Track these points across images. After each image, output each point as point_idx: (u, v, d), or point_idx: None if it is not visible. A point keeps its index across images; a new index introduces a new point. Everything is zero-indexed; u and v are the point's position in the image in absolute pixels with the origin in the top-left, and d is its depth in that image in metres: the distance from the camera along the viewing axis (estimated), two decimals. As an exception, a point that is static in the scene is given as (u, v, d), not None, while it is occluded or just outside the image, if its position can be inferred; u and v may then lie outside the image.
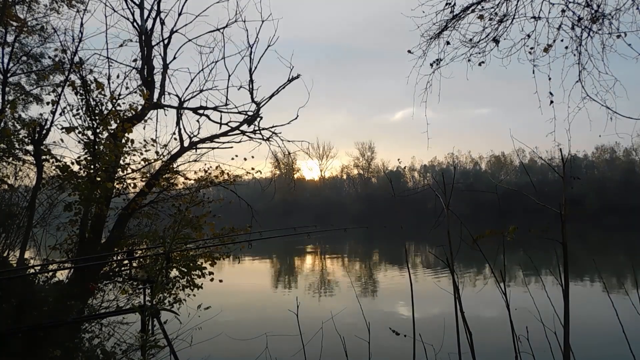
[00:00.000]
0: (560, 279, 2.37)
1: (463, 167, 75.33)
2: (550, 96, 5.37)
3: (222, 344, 9.56)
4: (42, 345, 5.13)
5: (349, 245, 40.44)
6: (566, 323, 2.30)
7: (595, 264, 22.95)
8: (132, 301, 7.05)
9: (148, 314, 3.33)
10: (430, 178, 72.68)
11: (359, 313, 3.73)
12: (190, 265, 7.49)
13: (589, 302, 14.57)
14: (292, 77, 7.43)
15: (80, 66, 7.43)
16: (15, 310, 5.35)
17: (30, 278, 6.42)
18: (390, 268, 26.93)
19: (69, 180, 7.20)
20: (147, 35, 7.55)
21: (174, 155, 7.60)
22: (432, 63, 5.95)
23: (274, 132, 7.61)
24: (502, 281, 2.64)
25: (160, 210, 7.90)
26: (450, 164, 71.02)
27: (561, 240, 2.35)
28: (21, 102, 11.41)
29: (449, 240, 2.70)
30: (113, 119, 7.39)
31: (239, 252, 7.36)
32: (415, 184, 77.48)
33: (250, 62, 7.51)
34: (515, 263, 23.30)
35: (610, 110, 5.09)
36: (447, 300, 2.99)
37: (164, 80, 7.65)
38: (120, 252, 7.42)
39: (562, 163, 2.61)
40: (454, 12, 5.66)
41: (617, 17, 5.10)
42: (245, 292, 19.15)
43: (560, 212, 2.40)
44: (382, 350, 3.45)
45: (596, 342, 10.51)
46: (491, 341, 9.18)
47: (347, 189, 79.74)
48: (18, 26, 9.67)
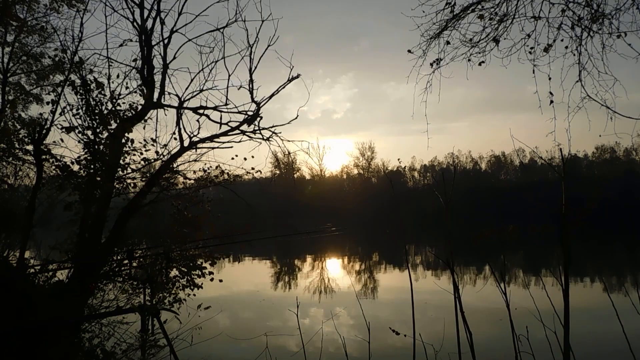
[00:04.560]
0: (560, 279, 2.37)
1: (463, 167, 75.28)
2: (550, 96, 5.38)
3: (222, 344, 9.57)
4: (42, 345, 5.13)
5: (349, 245, 40.45)
6: (566, 323, 2.30)
7: (595, 264, 22.96)
8: (132, 301, 7.06)
9: (148, 313, 3.33)
10: (431, 178, 72.73)
11: (359, 313, 3.74)
12: (190, 265, 7.50)
13: (589, 302, 14.56)
14: (292, 77, 7.43)
15: (80, 66, 7.43)
16: (15, 310, 5.35)
17: (30, 278, 6.43)
18: (390, 268, 26.93)
19: (69, 180, 7.21)
20: (147, 35, 7.55)
21: (174, 155, 7.59)
22: (432, 63, 5.96)
23: (274, 132, 7.60)
24: (502, 281, 2.64)
25: (160, 210, 7.90)
26: (450, 164, 70.99)
27: (561, 240, 2.35)
28: (21, 102, 11.41)
29: (449, 240, 2.70)
30: (113, 118, 7.38)
31: (239, 252, 7.38)
32: (415, 184, 77.49)
33: (250, 62, 7.50)
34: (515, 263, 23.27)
35: (610, 110, 5.10)
36: (447, 300, 2.99)
37: (164, 80, 7.65)
38: (120, 252, 7.43)
39: (562, 163, 2.61)
40: (454, 11, 5.67)
41: (617, 17, 5.11)
42: (245, 292, 19.16)
43: (560, 212, 2.40)
44: (382, 350, 3.45)
45: (596, 342, 10.50)
46: (491, 341, 9.18)
47: (347, 188, 79.69)
48: (18, 26, 9.67)
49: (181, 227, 7.79)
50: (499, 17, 5.57)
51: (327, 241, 39.01)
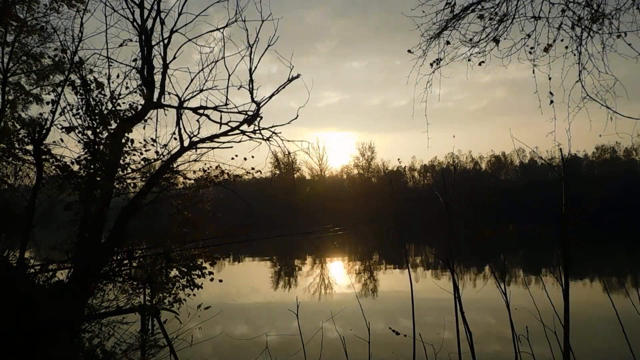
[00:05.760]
0: (561, 279, 2.37)
1: (463, 167, 75.23)
2: (550, 96, 5.38)
3: (222, 344, 9.58)
4: (42, 345, 5.13)
5: (349, 245, 40.44)
6: (566, 323, 2.30)
7: (595, 264, 22.95)
8: (132, 301, 7.06)
9: (148, 314, 3.33)
10: (431, 178, 72.69)
11: (359, 313, 3.73)
12: (190, 265, 7.50)
13: (589, 302, 14.56)
14: (292, 77, 7.43)
15: (80, 66, 7.43)
16: (15, 310, 5.35)
17: (30, 278, 6.43)
18: (390, 268, 26.92)
19: (69, 180, 7.20)
20: (147, 35, 7.55)
21: (174, 155, 7.59)
22: (432, 63, 5.97)
23: (274, 131, 7.60)
24: (502, 281, 2.64)
25: (160, 210, 7.90)
26: (450, 164, 70.92)
27: (561, 240, 2.35)
28: (21, 102, 11.41)
29: (449, 240, 2.70)
30: (113, 118, 7.39)
31: (239, 252, 7.39)
32: (415, 184, 77.43)
33: (250, 62, 7.51)
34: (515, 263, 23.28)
35: (610, 110, 5.10)
36: (447, 300, 2.99)
37: (163, 80, 7.65)
38: (120, 252, 7.43)
39: (562, 163, 2.61)
40: (454, 11, 5.67)
41: (617, 17, 5.11)
42: (245, 292, 19.15)
43: (560, 212, 2.40)
44: (382, 351, 3.45)
45: (596, 342, 10.50)
46: (491, 341, 9.18)
47: (347, 188, 79.62)
48: (18, 26, 9.67)
49: (181, 227, 7.78)
50: (499, 17, 5.57)
51: (327, 241, 39.00)
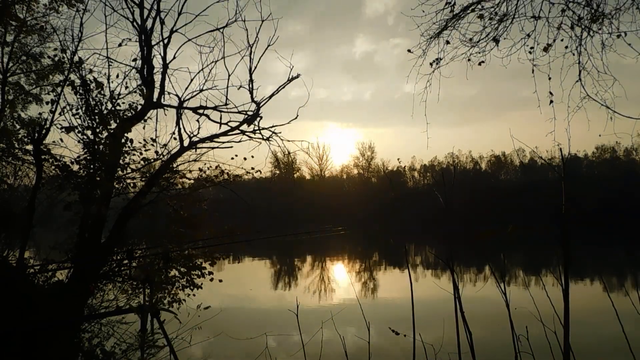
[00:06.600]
0: (560, 279, 2.37)
1: (463, 167, 75.18)
2: (550, 96, 5.38)
3: (222, 344, 9.57)
4: (42, 345, 5.13)
5: (349, 246, 40.44)
6: (566, 323, 2.30)
7: (595, 264, 22.94)
8: (131, 301, 7.05)
9: (147, 313, 3.33)
10: (431, 178, 72.69)
11: (359, 313, 3.73)
12: (189, 265, 7.49)
13: (589, 302, 14.56)
14: (292, 77, 7.43)
15: (79, 66, 7.42)
16: (15, 310, 5.35)
17: (30, 278, 6.42)
18: (390, 268, 26.92)
19: (68, 180, 7.20)
20: (147, 35, 7.54)
21: (173, 155, 7.59)
22: (432, 62, 5.96)
23: (273, 131, 7.60)
24: (502, 281, 2.64)
25: (160, 210, 7.90)
26: (450, 164, 70.87)
27: (562, 240, 2.34)
28: (20, 102, 11.39)
29: (449, 240, 2.70)
30: (113, 118, 7.38)
31: (239, 252, 7.39)
32: (415, 184, 77.40)
33: (250, 62, 7.51)
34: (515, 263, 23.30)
35: (610, 110, 5.09)
36: (447, 300, 2.98)
37: (163, 79, 7.65)
38: (120, 252, 7.42)
39: (562, 163, 2.61)
40: (453, 11, 5.67)
41: (617, 17, 5.10)
42: (245, 292, 19.15)
43: (560, 212, 2.40)
44: (382, 350, 3.44)
45: (596, 342, 10.50)
46: (491, 341, 9.18)
47: (347, 188, 79.59)
48: (17, 26, 9.66)
49: (179, 226, 7.78)
50: (499, 17, 5.57)
51: (327, 241, 39.00)
